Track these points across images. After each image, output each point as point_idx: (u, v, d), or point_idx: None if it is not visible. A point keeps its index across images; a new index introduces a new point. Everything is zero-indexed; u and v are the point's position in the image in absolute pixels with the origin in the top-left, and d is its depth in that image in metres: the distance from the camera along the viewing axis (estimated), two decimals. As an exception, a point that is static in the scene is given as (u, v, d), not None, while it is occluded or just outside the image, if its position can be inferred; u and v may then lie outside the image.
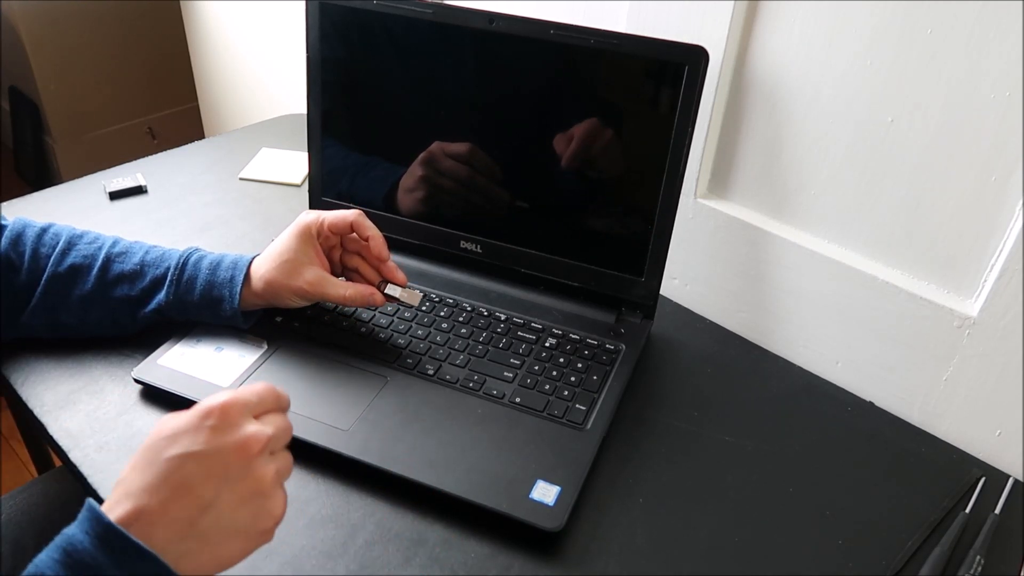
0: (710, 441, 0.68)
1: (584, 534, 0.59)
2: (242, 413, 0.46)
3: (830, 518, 0.62)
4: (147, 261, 0.71)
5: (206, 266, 0.70)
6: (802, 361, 0.78)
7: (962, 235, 0.65)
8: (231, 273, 0.70)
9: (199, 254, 0.72)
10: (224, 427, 0.44)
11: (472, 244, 0.81)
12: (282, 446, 0.48)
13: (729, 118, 0.76)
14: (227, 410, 0.45)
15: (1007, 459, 0.68)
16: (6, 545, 0.73)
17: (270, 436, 0.46)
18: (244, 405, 0.46)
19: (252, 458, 0.45)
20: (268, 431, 0.46)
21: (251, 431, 0.45)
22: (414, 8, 0.74)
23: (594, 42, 0.69)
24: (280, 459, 0.48)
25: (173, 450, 0.43)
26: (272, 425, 0.47)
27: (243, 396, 0.46)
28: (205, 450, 0.43)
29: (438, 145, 0.78)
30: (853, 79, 0.66)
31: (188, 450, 0.43)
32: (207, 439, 0.44)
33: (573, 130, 0.72)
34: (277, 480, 0.46)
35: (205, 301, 0.70)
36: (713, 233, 0.80)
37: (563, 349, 0.73)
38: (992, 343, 0.65)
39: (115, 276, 0.70)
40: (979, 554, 0.59)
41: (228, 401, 0.45)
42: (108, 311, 0.70)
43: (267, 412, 0.48)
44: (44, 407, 0.67)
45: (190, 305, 0.70)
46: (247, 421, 0.46)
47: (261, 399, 0.47)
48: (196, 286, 0.70)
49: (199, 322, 0.72)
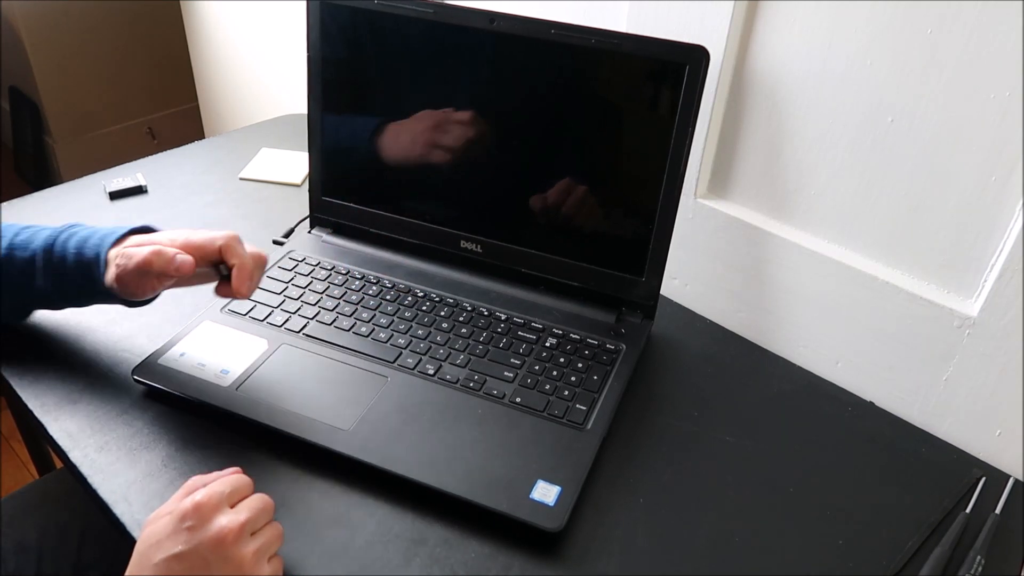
0: (710, 441, 0.68)
1: (584, 534, 0.59)
2: (215, 508, 0.50)
3: (830, 518, 0.62)
4: (16, 244, 0.66)
5: (73, 246, 0.66)
6: (802, 361, 0.78)
7: (962, 235, 0.65)
8: (96, 251, 0.65)
9: (69, 232, 0.67)
10: (199, 525, 0.49)
11: (472, 244, 0.81)
12: (262, 525, 0.52)
13: (729, 118, 0.76)
14: (200, 509, 0.50)
15: (1007, 459, 0.68)
16: (8, 545, 0.73)
17: (243, 522, 0.50)
18: (218, 499, 0.51)
19: (229, 547, 0.49)
20: (241, 517, 0.50)
21: (223, 523, 0.50)
22: (415, 8, 0.74)
23: (595, 42, 0.69)
24: (263, 537, 0.52)
25: (159, 555, 0.49)
26: (247, 509, 0.51)
27: (216, 490, 0.51)
28: (185, 550, 0.49)
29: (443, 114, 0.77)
30: (853, 79, 0.66)
31: (171, 552, 0.49)
32: (186, 539, 0.49)
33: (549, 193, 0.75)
34: (258, 558, 0.51)
35: (77, 281, 0.65)
36: (713, 233, 0.80)
37: (563, 349, 0.73)
38: (992, 343, 0.65)
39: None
40: (979, 554, 0.59)
41: (200, 500, 0.50)
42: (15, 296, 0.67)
43: (243, 498, 0.53)
44: (44, 407, 0.67)
45: (67, 291, 0.66)
46: (220, 513, 0.50)
47: (235, 488, 0.52)
48: (67, 267, 0.65)
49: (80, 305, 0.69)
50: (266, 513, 0.53)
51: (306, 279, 0.80)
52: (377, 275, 0.81)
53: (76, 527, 0.75)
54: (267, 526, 0.53)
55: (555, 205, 0.76)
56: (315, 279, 0.80)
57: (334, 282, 0.80)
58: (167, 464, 0.62)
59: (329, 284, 0.80)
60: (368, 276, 0.81)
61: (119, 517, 0.58)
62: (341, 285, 0.80)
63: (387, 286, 0.80)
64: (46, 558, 0.73)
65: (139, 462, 0.62)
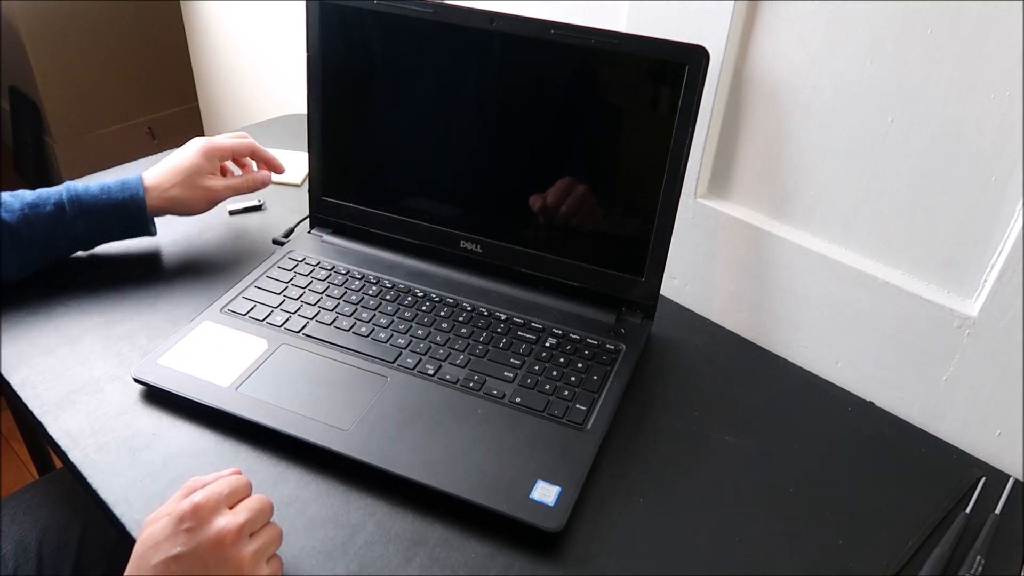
0: (710, 441, 0.68)
1: (584, 534, 0.59)
2: (214, 509, 0.50)
3: (830, 518, 0.62)
4: (29, 201, 0.75)
5: (98, 191, 0.77)
6: (802, 361, 0.78)
7: (962, 235, 0.65)
8: (129, 193, 0.77)
9: (82, 185, 0.77)
10: (198, 527, 0.49)
11: (472, 244, 0.81)
12: (261, 525, 0.52)
13: (729, 118, 0.76)
14: (198, 510, 0.50)
15: (1007, 459, 0.68)
16: (8, 545, 0.73)
17: (242, 523, 0.50)
18: (216, 500, 0.51)
19: (227, 548, 0.49)
20: (240, 519, 0.50)
21: (222, 524, 0.50)
22: (415, 8, 0.74)
23: (594, 42, 0.69)
24: (263, 536, 0.52)
25: (158, 557, 0.49)
26: (245, 510, 0.51)
27: (215, 491, 0.51)
28: (184, 552, 0.49)
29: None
30: (853, 79, 0.66)
31: (169, 554, 0.48)
32: (185, 541, 0.49)
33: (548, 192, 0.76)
34: (257, 559, 0.51)
35: (116, 219, 0.77)
36: (713, 233, 0.80)
37: (563, 349, 0.73)
38: (992, 343, 0.65)
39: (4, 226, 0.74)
40: (979, 554, 0.59)
41: (199, 502, 0.50)
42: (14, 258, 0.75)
43: (241, 499, 0.52)
44: (44, 407, 0.67)
45: (101, 230, 0.78)
46: (219, 515, 0.50)
47: (233, 489, 0.52)
48: (101, 210, 0.76)
49: (107, 241, 0.80)
50: (264, 514, 0.53)
51: (306, 279, 0.80)
52: (377, 275, 0.81)
53: (76, 527, 0.75)
54: (266, 527, 0.53)
55: (555, 205, 0.76)
56: (315, 279, 0.80)
57: (334, 282, 0.80)
58: (167, 464, 0.62)
59: (329, 284, 0.80)
60: (368, 276, 0.81)
61: (119, 517, 0.58)
62: (341, 285, 0.80)
63: (387, 286, 0.80)
64: (46, 558, 0.73)
65: (139, 462, 0.62)
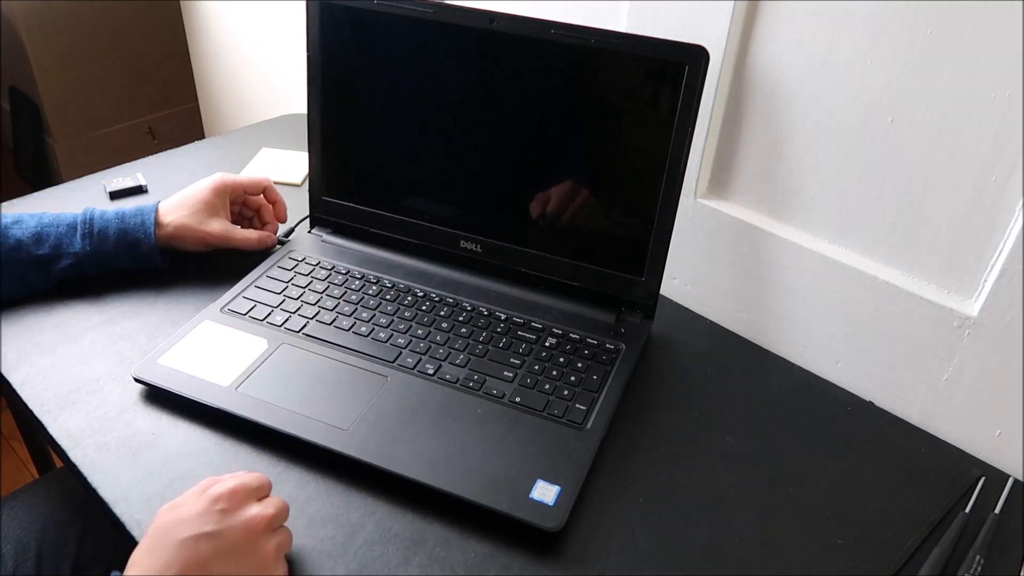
0: (710, 441, 0.68)
1: (584, 534, 0.59)
2: (248, 496, 0.53)
3: (830, 518, 0.62)
4: (45, 222, 0.76)
5: (112, 217, 0.78)
6: (802, 361, 0.78)
7: (962, 235, 0.65)
8: (140, 219, 0.78)
9: (100, 210, 0.78)
10: (233, 509, 0.51)
11: (472, 244, 0.81)
12: (281, 524, 0.54)
13: (729, 118, 0.76)
14: (235, 493, 0.52)
15: (1007, 459, 0.68)
16: (8, 545, 0.73)
17: (272, 515, 0.52)
18: (249, 489, 0.53)
19: (258, 536, 0.51)
20: (270, 511, 0.52)
21: (255, 511, 0.52)
22: (414, 7, 0.74)
23: (594, 42, 0.69)
24: (281, 535, 0.54)
25: (186, 532, 0.49)
26: (272, 506, 0.53)
27: (247, 481, 0.54)
28: (216, 530, 0.50)
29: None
30: (853, 79, 0.66)
31: (201, 531, 0.49)
32: (218, 520, 0.50)
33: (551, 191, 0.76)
34: (278, 554, 0.53)
35: (122, 245, 0.77)
36: (713, 233, 0.80)
37: (563, 349, 0.73)
38: (992, 343, 0.65)
39: (15, 242, 0.74)
40: (979, 554, 0.59)
41: (236, 486, 0.52)
42: (16, 274, 0.75)
43: (264, 496, 0.55)
44: (44, 407, 0.67)
45: (107, 253, 0.77)
46: (252, 503, 0.53)
47: (260, 484, 0.54)
48: (110, 234, 0.77)
49: (116, 269, 0.78)
50: (286, 513, 0.55)
51: (306, 279, 0.80)
52: (377, 275, 0.81)
53: (76, 527, 0.75)
54: (283, 528, 0.55)
55: (554, 205, 0.76)
56: (315, 279, 0.80)
57: (334, 282, 0.80)
58: (167, 464, 0.62)
59: (329, 284, 0.80)
60: (368, 276, 0.81)
61: (119, 517, 0.58)
62: (341, 285, 0.80)
63: (387, 286, 0.80)
64: (46, 558, 0.73)
65: (139, 462, 0.62)
